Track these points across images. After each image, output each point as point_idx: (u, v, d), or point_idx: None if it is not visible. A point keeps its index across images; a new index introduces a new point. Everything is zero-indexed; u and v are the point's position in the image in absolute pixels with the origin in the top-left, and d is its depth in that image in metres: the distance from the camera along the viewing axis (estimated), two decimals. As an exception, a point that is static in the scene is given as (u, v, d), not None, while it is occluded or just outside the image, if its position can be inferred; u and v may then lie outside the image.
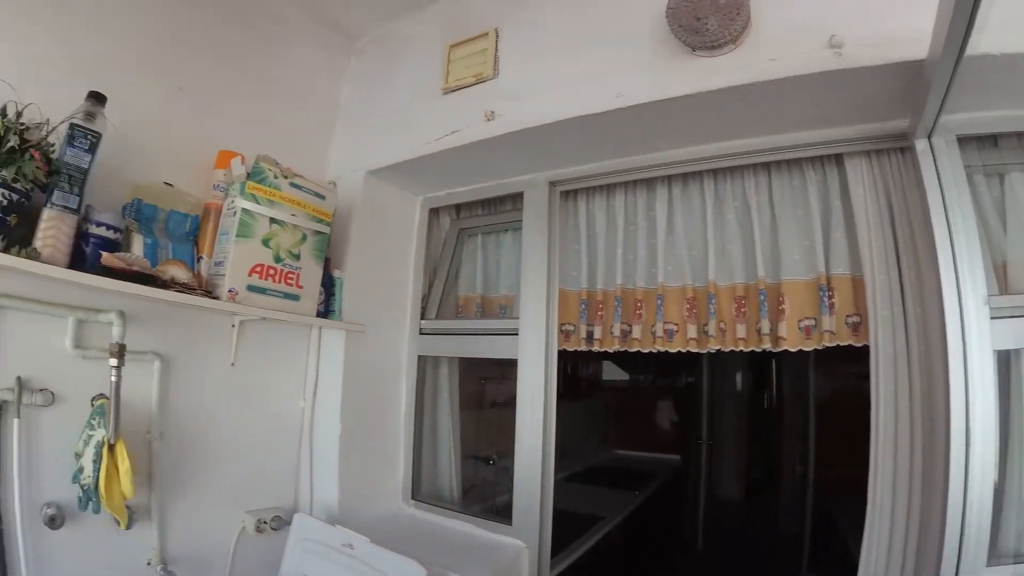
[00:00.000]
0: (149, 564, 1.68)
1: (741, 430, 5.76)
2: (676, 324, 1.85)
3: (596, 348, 1.99)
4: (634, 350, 1.92)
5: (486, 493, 2.38)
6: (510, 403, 1.99)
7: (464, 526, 1.91)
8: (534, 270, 1.95)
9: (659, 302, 1.87)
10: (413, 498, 2.09)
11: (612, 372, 5.07)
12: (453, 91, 1.91)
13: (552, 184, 2.00)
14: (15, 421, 1.44)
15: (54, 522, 1.50)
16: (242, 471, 1.87)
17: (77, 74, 1.51)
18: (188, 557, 1.75)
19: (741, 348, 1.76)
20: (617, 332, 1.94)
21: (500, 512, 2.09)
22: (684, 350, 1.83)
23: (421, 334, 2.20)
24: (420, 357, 2.19)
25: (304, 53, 2.19)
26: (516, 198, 2.14)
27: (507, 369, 2.01)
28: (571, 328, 2.02)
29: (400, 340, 2.20)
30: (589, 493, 3.66)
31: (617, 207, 2.01)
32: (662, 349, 1.87)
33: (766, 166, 1.76)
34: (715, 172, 1.85)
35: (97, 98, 1.45)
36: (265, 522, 1.87)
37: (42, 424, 1.49)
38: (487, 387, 2.55)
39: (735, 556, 4.94)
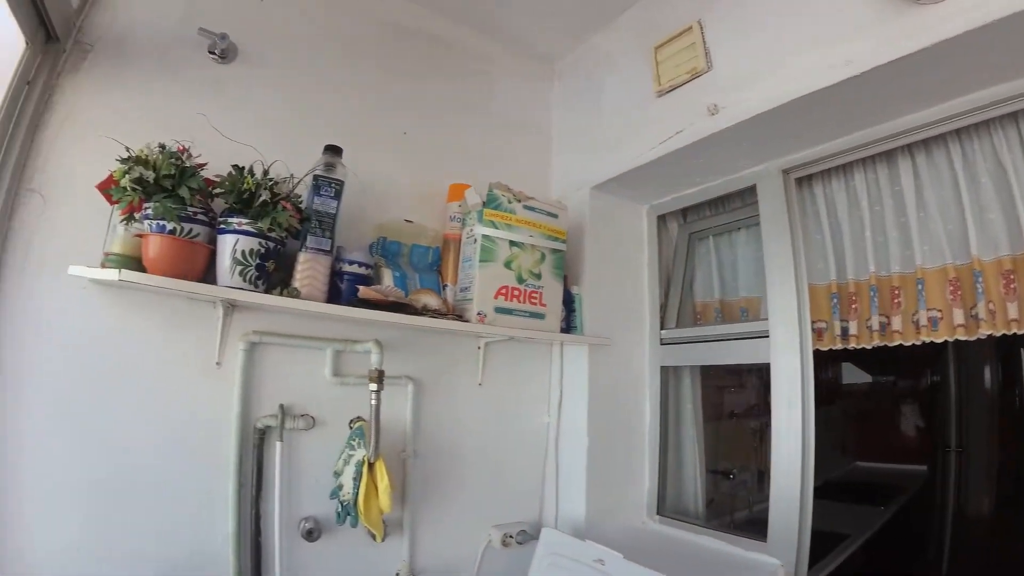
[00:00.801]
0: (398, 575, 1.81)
1: (992, 434, 5.09)
2: (940, 310, 1.64)
3: (853, 345, 1.83)
4: (895, 344, 1.74)
5: (724, 508, 2.30)
6: (748, 413, 1.90)
7: (712, 542, 1.85)
8: (779, 266, 1.83)
9: (919, 287, 1.69)
10: (658, 513, 2.07)
11: (851, 375, 4.66)
12: (668, 92, 1.88)
13: (785, 172, 1.88)
14: (278, 444, 1.61)
15: (311, 535, 1.65)
16: (489, 486, 1.96)
17: (311, 131, 1.68)
18: (435, 569, 1.87)
19: (1015, 331, 1.52)
20: (875, 326, 1.77)
21: (740, 528, 2.00)
22: (951, 339, 1.62)
23: (662, 344, 2.17)
24: (662, 368, 2.17)
25: (511, 84, 2.29)
26: (746, 194, 2.05)
27: (746, 377, 1.93)
28: (823, 325, 1.88)
29: (641, 352, 2.18)
30: (831, 508, 3.39)
31: (858, 187, 1.85)
32: (927, 340, 1.67)
33: (1014, 117, 1.53)
34: (959, 133, 1.63)
35: (334, 150, 1.60)
36: (511, 536, 1.93)
37: (302, 446, 1.67)
38: (724, 397, 2.47)
39: None
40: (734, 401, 2.44)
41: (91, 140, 1.48)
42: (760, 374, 2.48)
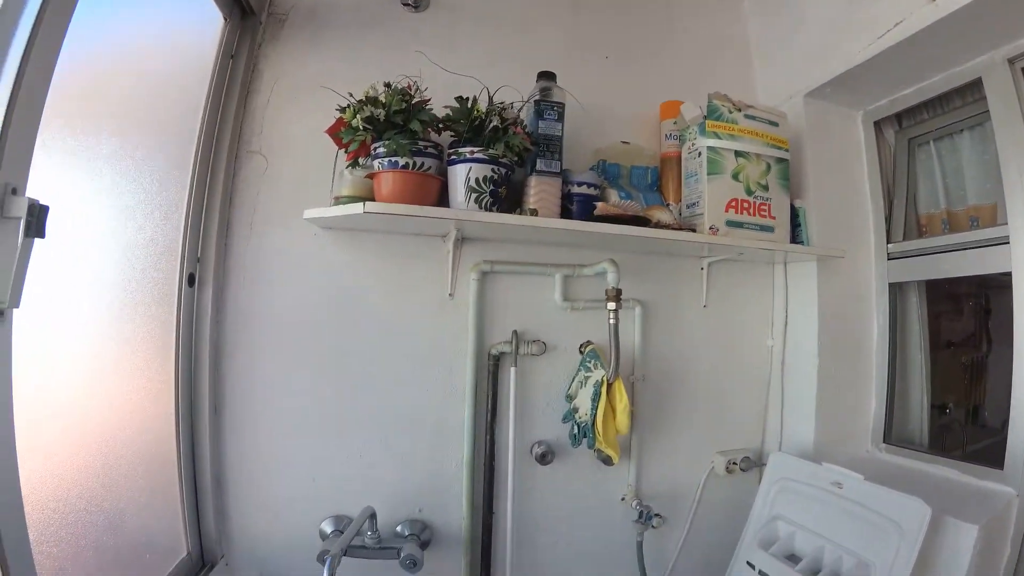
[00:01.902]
0: (623, 499, 1.87)
1: None
2: None
3: None
4: None
5: (943, 442, 2.22)
6: (969, 343, 1.78)
7: (943, 471, 1.76)
8: (1017, 165, 1.70)
9: None
10: (884, 442, 2.01)
11: None
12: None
13: (1011, 61, 1.72)
14: (512, 370, 1.69)
15: (544, 458, 1.74)
16: (712, 412, 1.97)
17: (515, 66, 1.71)
18: (658, 494, 1.91)
19: None
20: None
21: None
22: None
23: (889, 259, 2.07)
24: (891, 285, 2.08)
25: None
26: (966, 91, 1.89)
27: (966, 302, 1.78)
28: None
29: (868, 267, 2.07)
30: None
31: None
32: None
33: None
34: None
35: (548, 76, 1.63)
36: (735, 463, 1.94)
37: (534, 372, 1.75)
38: (946, 324, 2.34)
39: None
40: (955, 329, 2.31)
41: (302, 100, 1.63)
42: (984, 300, 2.33)
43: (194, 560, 1.57)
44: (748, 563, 1.68)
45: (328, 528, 1.66)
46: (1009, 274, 1.68)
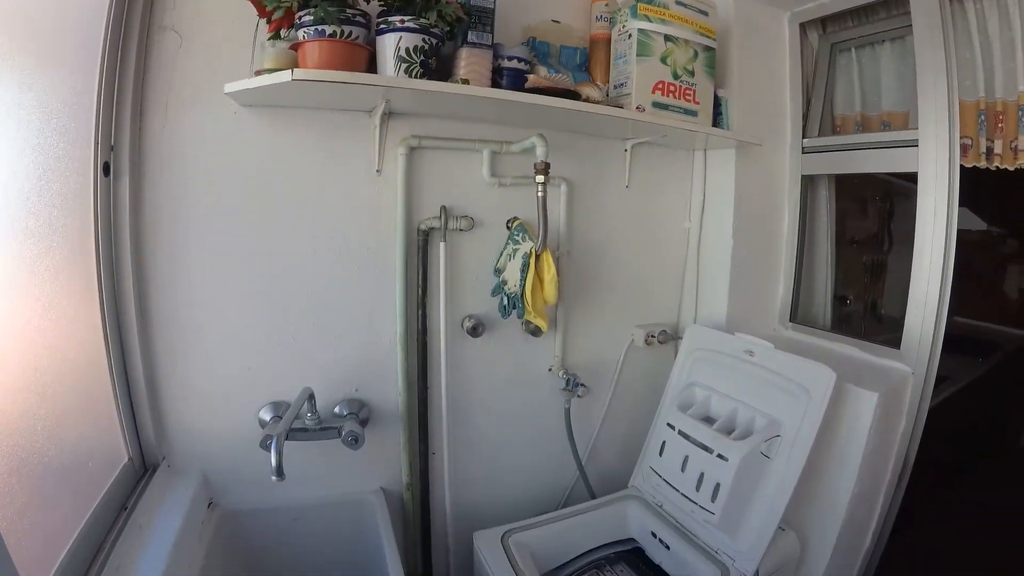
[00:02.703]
0: (550, 370, 1.98)
1: None
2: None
3: (996, 165, 1.85)
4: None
5: (845, 330, 2.41)
6: (871, 242, 1.92)
7: (845, 349, 1.94)
8: (932, 75, 1.83)
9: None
10: (791, 321, 2.17)
11: (965, 220, 4.52)
12: None
13: None
14: (441, 245, 1.73)
15: (476, 331, 1.81)
16: (633, 288, 2.08)
17: None
18: (583, 365, 2.03)
19: None
20: (1021, 146, 1.80)
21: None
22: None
23: (804, 152, 2.20)
24: (803, 177, 2.21)
25: None
26: (892, 4, 2.02)
27: (871, 205, 1.93)
28: (968, 142, 1.89)
29: (783, 158, 2.20)
30: None
31: (1010, 5, 1.82)
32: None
33: None
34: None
35: None
36: (653, 336, 2.07)
37: (463, 247, 1.79)
38: (852, 222, 2.51)
39: None
40: (860, 228, 2.49)
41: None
42: (889, 202, 2.51)
43: (136, 465, 1.55)
44: (668, 424, 1.82)
45: (267, 416, 1.68)
46: (913, 182, 1.84)
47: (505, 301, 1.75)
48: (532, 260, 1.67)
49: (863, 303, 2.50)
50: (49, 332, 1.27)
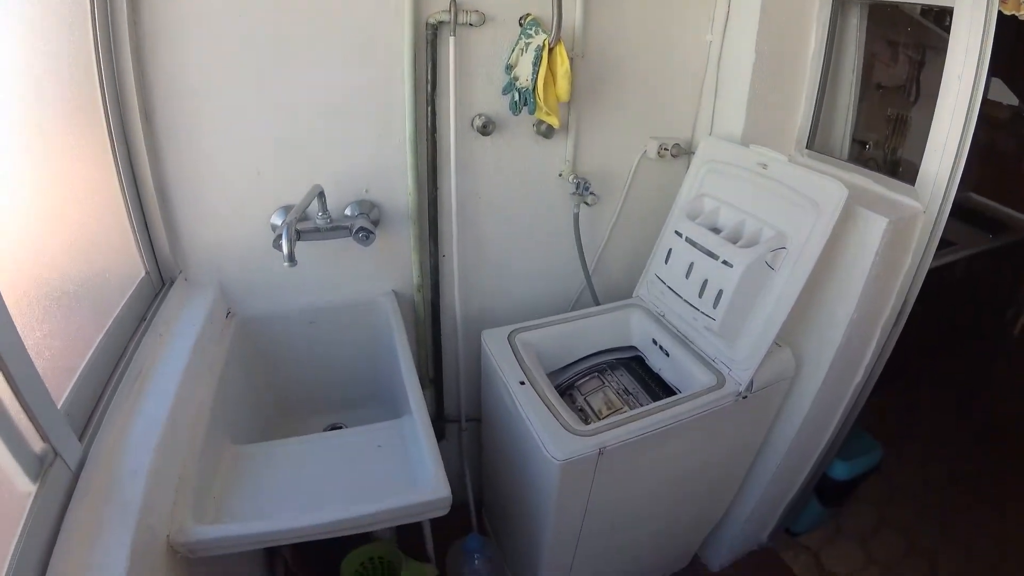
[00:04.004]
0: (560, 176, 1.86)
1: None
2: None
3: None
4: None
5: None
6: (896, 90, 1.72)
7: (859, 179, 1.77)
8: None
9: None
10: (808, 147, 2.00)
11: (997, 91, 4.19)
12: None
13: None
14: (451, 39, 1.56)
15: (486, 129, 1.68)
16: (648, 98, 1.90)
17: None
18: (593, 173, 1.90)
19: None
20: None
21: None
22: None
23: None
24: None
25: None
26: None
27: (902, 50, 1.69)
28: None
29: None
30: None
31: None
32: None
33: None
34: None
35: None
36: (666, 148, 1.92)
37: (473, 42, 1.61)
38: (875, 66, 2.27)
39: None
40: (887, 73, 2.25)
41: None
42: (922, 52, 2.27)
43: (154, 280, 1.54)
44: (676, 231, 1.72)
45: (278, 220, 1.61)
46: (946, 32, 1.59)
47: (516, 97, 1.60)
48: (545, 53, 1.51)
49: (883, 151, 2.30)
50: (55, 152, 1.23)
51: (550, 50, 1.52)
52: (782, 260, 1.50)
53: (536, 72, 1.52)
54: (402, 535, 1.84)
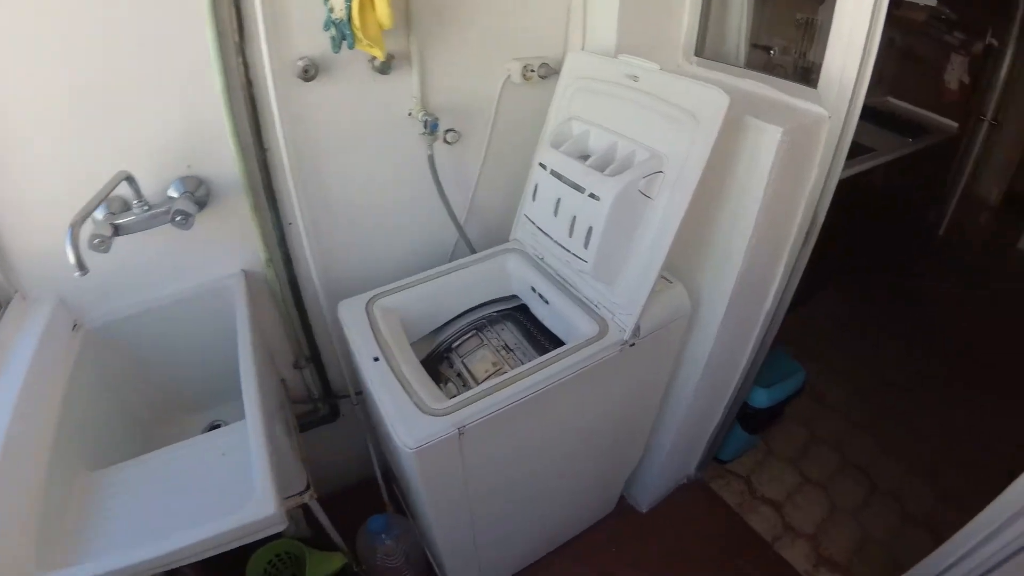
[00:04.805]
0: (410, 115, 1.54)
1: None
2: None
3: None
4: None
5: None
6: None
7: (757, 87, 1.54)
8: None
9: None
10: (696, 55, 1.72)
11: None
12: None
13: None
14: None
15: (307, 73, 1.36)
16: (507, 16, 1.58)
17: None
18: (450, 107, 1.60)
19: None
20: None
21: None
22: None
23: None
24: None
25: None
26: None
27: None
28: None
29: None
30: (859, 125, 3.11)
31: None
32: None
33: None
34: None
35: None
36: (532, 69, 1.61)
37: None
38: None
39: (972, 265, 4.36)
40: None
41: None
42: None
43: None
44: (540, 164, 1.44)
45: (100, 215, 1.33)
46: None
47: (333, 31, 1.29)
48: None
49: (792, 57, 2.03)
50: None
51: (362, -30, 1.21)
52: (659, 186, 1.25)
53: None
54: (312, 522, 1.66)
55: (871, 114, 3.42)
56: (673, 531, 2.16)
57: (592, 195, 1.26)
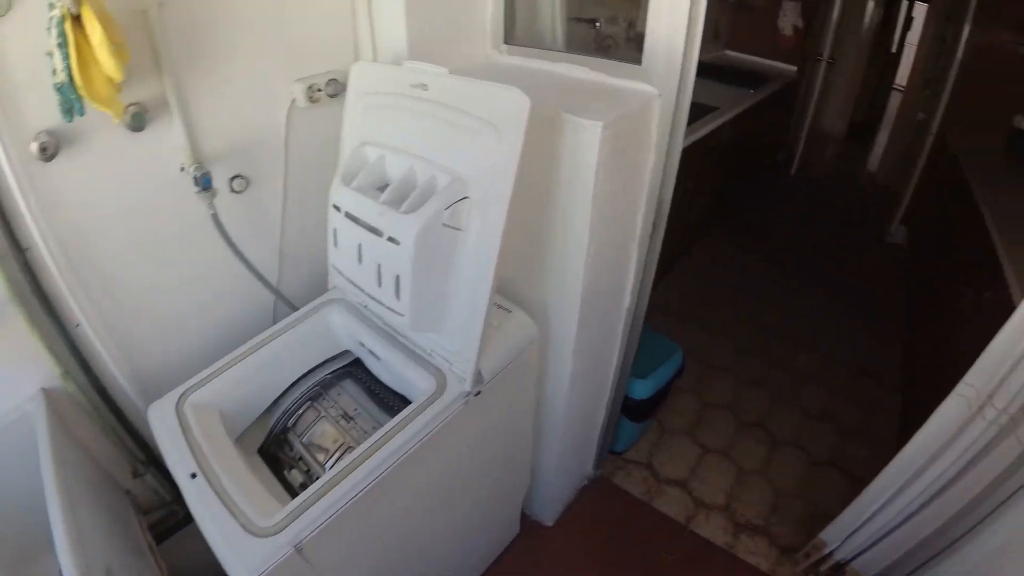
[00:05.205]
0: (183, 170, 1.25)
1: (860, 63, 5.07)
2: None
3: None
4: None
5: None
6: None
7: (577, 71, 1.37)
8: None
9: None
10: (506, 42, 1.52)
11: None
12: None
13: None
14: None
15: (45, 152, 1.06)
16: (281, 30, 1.31)
17: None
18: (231, 150, 1.32)
19: None
20: None
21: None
22: None
23: None
24: None
25: None
26: None
27: None
28: None
29: None
30: (700, 85, 3.05)
31: None
32: None
33: None
34: None
35: None
36: (319, 88, 1.36)
37: (4, 38, 0.99)
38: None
39: (825, 191, 4.62)
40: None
41: None
42: None
43: None
44: (334, 206, 1.19)
45: None
46: None
47: (59, 99, 1.00)
48: (69, 25, 0.93)
49: (620, 27, 1.88)
50: None
51: (76, 19, 0.92)
52: (467, 213, 1.06)
53: (66, 56, 0.94)
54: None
55: (711, 70, 3.40)
56: (585, 537, 2.03)
57: (391, 239, 1.05)
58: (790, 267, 3.54)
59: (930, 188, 3.36)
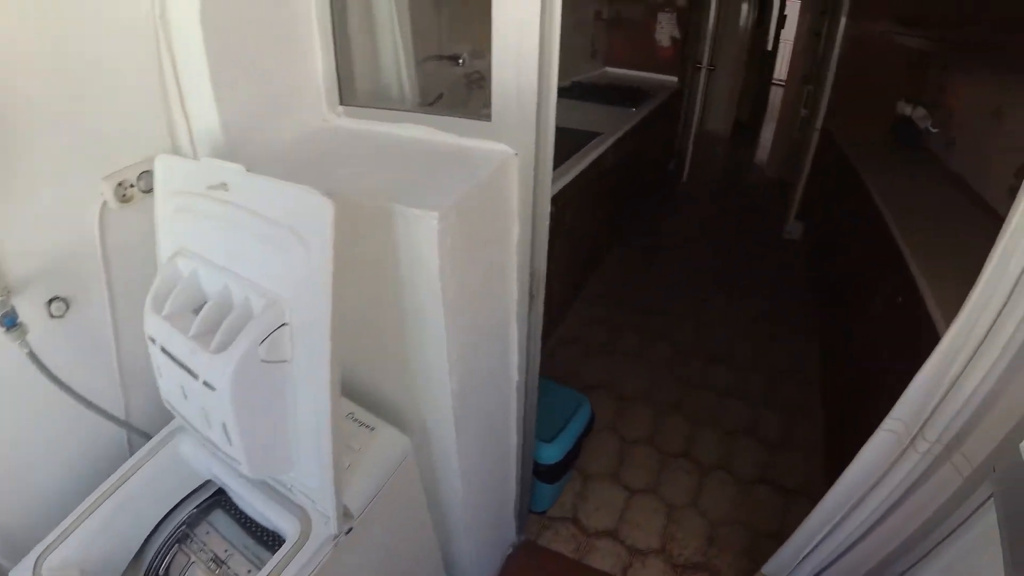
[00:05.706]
0: None
1: (740, 65, 5.36)
2: None
3: None
4: None
5: (459, 102, 1.67)
6: None
7: (421, 131, 1.21)
8: None
9: None
10: (342, 103, 1.33)
11: None
12: None
13: None
14: None
15: None
16: (76, 123, 1.05)
17: None
18: (41, 272, 1.05)
19: None
20: None
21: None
22: None
23: None
24: None
25: None
26: None
27: None
28: None
29: None
30: (580, 109, 2.97)
31: None
32: None
33: None
34: None
35: None
36: (131, 184, 1.12)
37: None
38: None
39: (719, 194, 4.74)
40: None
41: None
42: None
43: None
44: (150, 338, 0.96)
45: None
46: None
47: None
48: None
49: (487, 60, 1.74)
50: None
51: None
52: (288, 341, 0.86)
53: None
54: None
55: (591, 91, 3.34)
56: (519, 610, 1.86)
57: (206, 383, 0.85)
58: (694, 278, 3.50)
59: (821, 182, 3.41)
